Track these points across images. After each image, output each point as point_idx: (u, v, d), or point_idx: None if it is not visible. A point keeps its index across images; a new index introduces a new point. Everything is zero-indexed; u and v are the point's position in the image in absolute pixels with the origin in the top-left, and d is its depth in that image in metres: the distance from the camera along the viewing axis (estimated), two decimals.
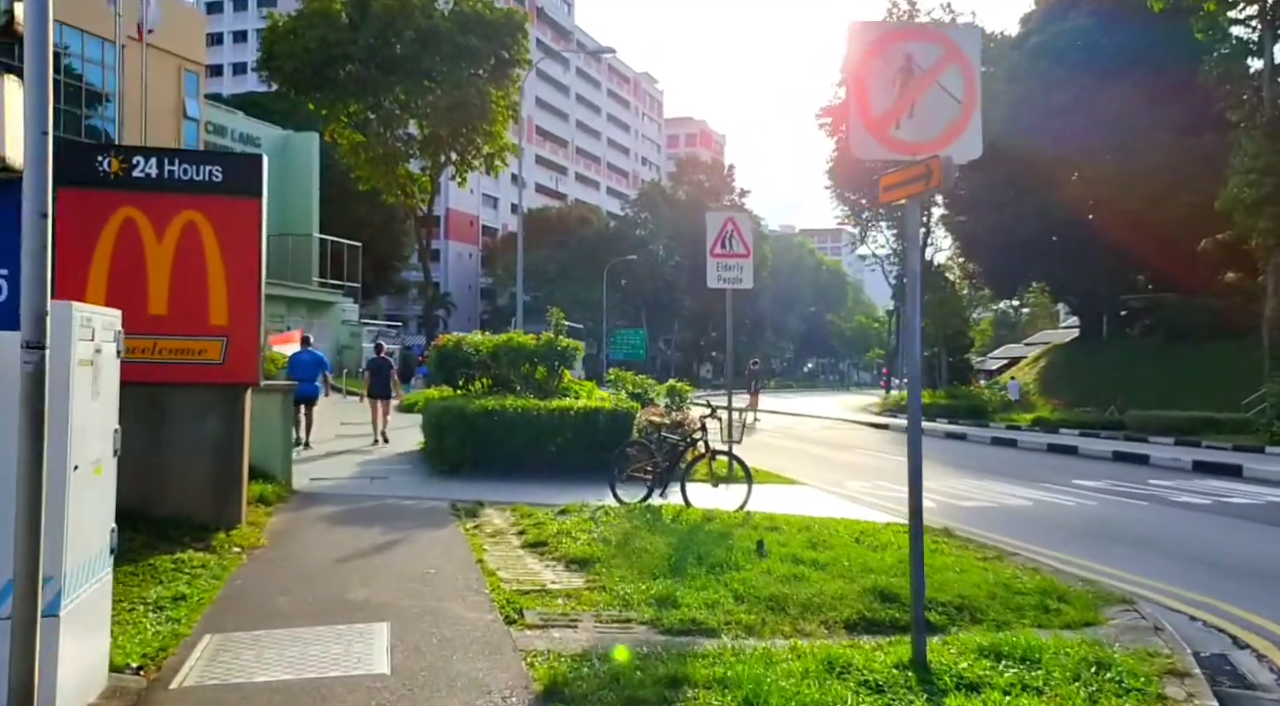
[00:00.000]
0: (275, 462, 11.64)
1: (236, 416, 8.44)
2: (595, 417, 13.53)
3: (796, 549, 7.75)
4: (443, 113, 40.04)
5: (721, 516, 9.42)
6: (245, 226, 8.39)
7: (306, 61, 39.08)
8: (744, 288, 13.36)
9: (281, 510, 10.05)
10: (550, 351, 14.52)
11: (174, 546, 7.53)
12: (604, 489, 12.28)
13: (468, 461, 13.57)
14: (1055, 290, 55.06)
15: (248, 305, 8.40)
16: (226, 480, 8.40)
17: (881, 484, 14.47)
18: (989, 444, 24.41)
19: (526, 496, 11.57)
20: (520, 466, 13.45)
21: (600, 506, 10.14)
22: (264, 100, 65.36)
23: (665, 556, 7.48)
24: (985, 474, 16.16)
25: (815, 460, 18.45)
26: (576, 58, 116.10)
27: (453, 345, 15.52)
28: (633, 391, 16.10)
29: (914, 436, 5.36)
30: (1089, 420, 32.15)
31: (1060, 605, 6.35)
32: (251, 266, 8.41)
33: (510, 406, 13.41)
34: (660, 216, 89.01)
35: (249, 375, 8.44)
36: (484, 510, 10.23)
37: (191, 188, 8.27)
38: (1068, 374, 45.86)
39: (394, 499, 11.20)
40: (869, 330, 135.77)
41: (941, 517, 11.19)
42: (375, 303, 69.80)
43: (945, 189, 4.75)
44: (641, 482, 10.72)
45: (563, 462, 13.54)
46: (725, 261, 13.18)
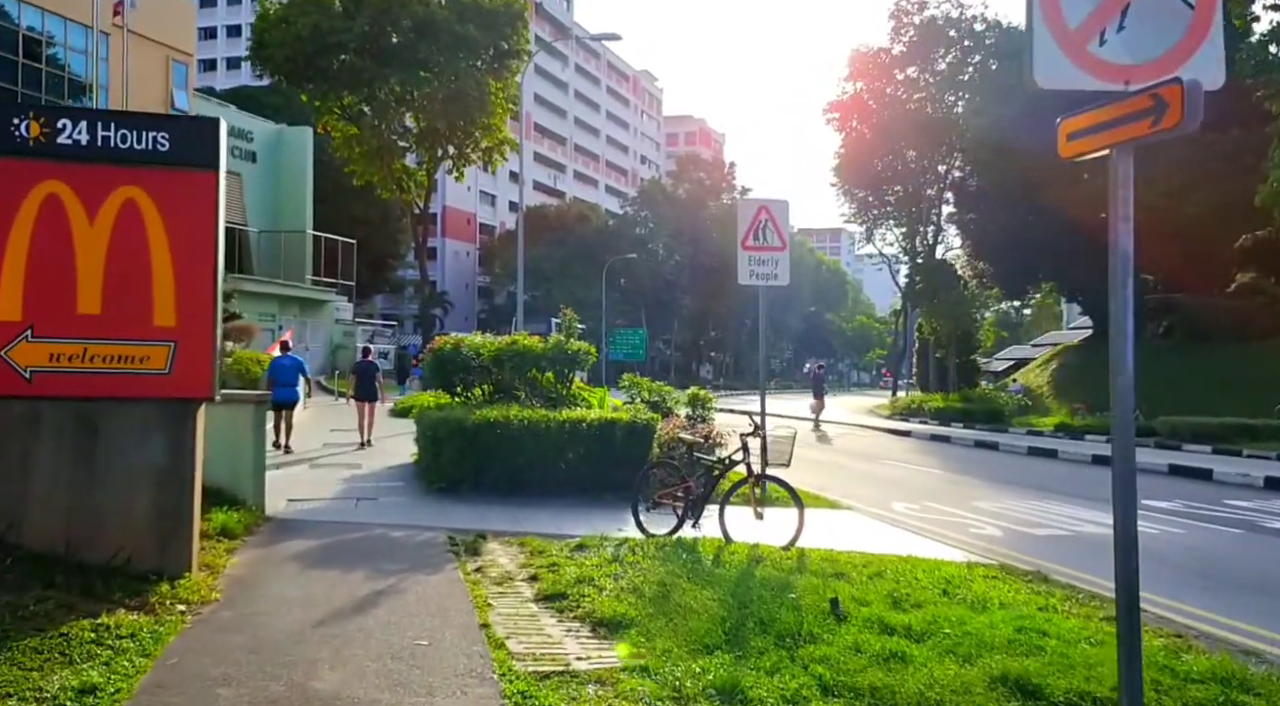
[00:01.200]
0: (245, 485, 10.12)
1: (186, 438, 6.91)
2: (611, 431, 12.01)
3: (878, 607, 6.22)
4: (440, 105, 38.46)
5: (771, 556, 7.89)
6: (197, 205, 6.87)
7: (299, 50, 37.50)
8: (779, 284, 11.87)
9: (248, 545, 8.51)
10: (561, 355, 12.99)
11: (101, 605, 6.00)
12: (622, 513, 10.78)
13: (467, 479, 12.06)
14: (1067, 290, 53.63)
15: (200, 303, 6.88)
16: (173, 517, 6.86)
17: (930, 504, 12.95)
18: (1025, 454, 22.90)
19: (534, 524, 10.06)
20: (526, 485, 11.94)
21: (623, 540, 8.64)
22: (257, 94, 63.91)
23: (717, 617, 5.96)
24: (1039, 491, 14.64)
25: (845, 473, 16.90)
26: (575, 55, 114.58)
27: (450, 348, 13.97)
28: (649, 399, 14.60)
29: (1124, 491, 3.79)
30: None
31: (1251, 700, 4.83)
32: (205, 255, 6.89)
33: (515, 417, 11.89)
34: (660, 215, 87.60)
35: (201, 388, 6.91)
36: (486, 544, 8.70)
37: (131, 158, 6.75)
38: (1081, 376, 44.46)
39: (382, 527, 9.67)
40: (870, 330, 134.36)
41: (1014, 549, 9.70)
42: (370, 301, 68.24)
43: (1188, 130, 3.19)
44: (670, 510, 9.19)
45: (574, 481, 12.04)
46: (758, 255, 11.69)
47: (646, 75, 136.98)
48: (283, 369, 16.88)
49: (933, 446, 24.41)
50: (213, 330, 6.91)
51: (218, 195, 6.91)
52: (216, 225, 6.91)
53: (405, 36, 39.10)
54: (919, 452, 22.07)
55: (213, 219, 6.89)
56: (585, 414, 12.27)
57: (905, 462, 19.20)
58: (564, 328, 13.54)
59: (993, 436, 27.15)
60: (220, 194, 6.94)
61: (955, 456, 21.58)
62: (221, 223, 6.96)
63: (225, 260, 26.68)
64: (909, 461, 19.56)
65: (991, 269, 51.65)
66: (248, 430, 10.21)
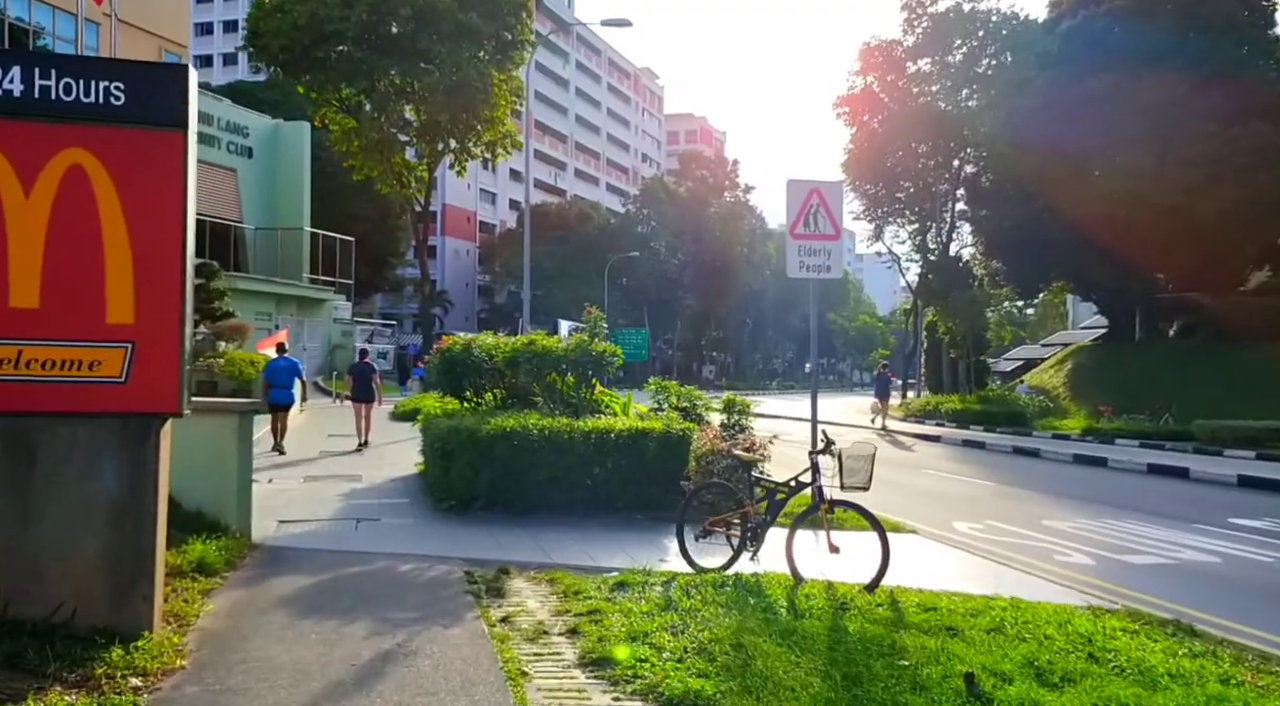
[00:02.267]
0: (228, 507, 8.78)
1: (146, 463, 5.57)
2: (643, 442, 10.67)
3: (1023, 684, 4.85)
4: (441, 96, 37.03)
5: (857, 602, 6.55)
6: (161, 172, 5.53)
7: (295, 40, 36.10)
8: (831, 277, 10.54)
9: (229, 584, 7.18)
10: (584, 357, 11.63)
11: (28, 681, 4.66)
12: (658, 537, 9.50)
13: (480, 496, 10.73)
14: (1081, 288, 52.32)
15: (165, 294, 5.55)
16: (129, 562, 5.52)
17: (994, 524, 11.60)
18: (1071, 461, 21.54)
19: (562, 552, 8.74)
20: (546, 504, 10.62)
21: (670, 576, 7.32)
22: (253, 89, 62.56)
23: (822, 699, 4.63)
24: (1108, 508, 13.28)
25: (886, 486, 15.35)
26: (577, 51, 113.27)
27: (460, 349, 12.61)
28: (678, 405, 13.26)
29: None
30: (1148, 430, 29.46)
31: None
32: (171, 234, 5.55)
33: (534, 427, 10.55)
34: (663, 213, 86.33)
35: (165, 400, 5.57)
36: (511, 582, 7.37)
37: (77, 113, 5.41)
38: (1099, 377, 43.23)
39: (387, 558, 8.33)
40: (872, 330, 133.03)
41: (1117, 582, 8.38)
42: (369, 300, 66.89)
43: None
44: (722, 539, 7.85)
45: (601, 499, 10.73)
46: (809, 244, 10.37)
47: (648, 73, 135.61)
48: (279, 371, 17.05)
49: (968, 453, 23.03)
50: (180, 328, 5.57)
51: (186, 160, 5.56)
52: (185, 197, 5.57)
53: (405, 26, 37.72)
54: (956, 460, 20.71)
55: (180, 189, 5.55)
56: (613, 423, 10.94)
57: (947, 473, 17.83)
58: (589, 327, 12.19)
59: (1028, 441, 25.84)
60: (190, 158, 5.60)
61: (997, 465, 20.21)
62: (192, 194, 5.61)
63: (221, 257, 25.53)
64: (950, 471, 18.20)
65: (1004, 267, 50.39)
66: (231, 444, 8.88)
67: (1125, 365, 42.27)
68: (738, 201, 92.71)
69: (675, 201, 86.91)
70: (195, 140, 5.72)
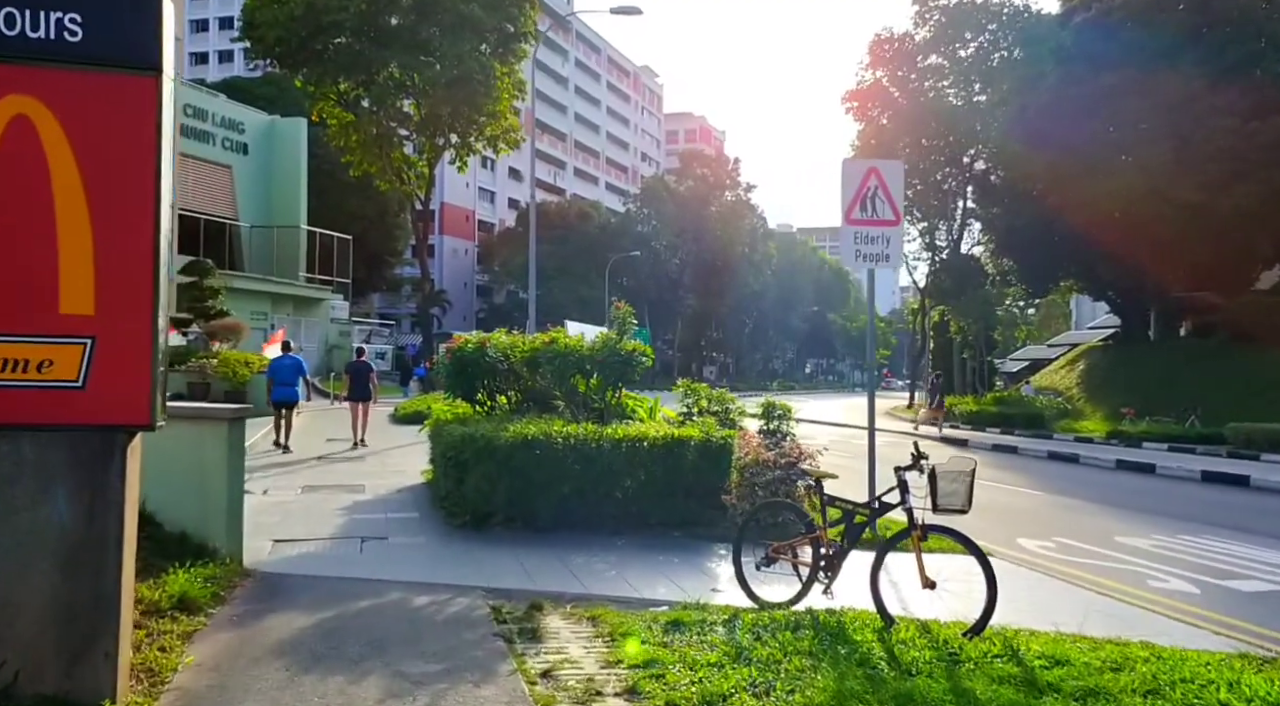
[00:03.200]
0: (216, 527, 7.70)
1: (109, 489, 4.47)
2: (680, 452, 9.58)
3: None
4: (442, 90, 35.88)
5: (968, 651, 5.47)
6: (130, 128, 4.45)
7: (292, 31, 34.95)
8: (889, 267, 9.48)
9: (215, 623, 6.09)
10: (612, 358, 10.53)
11: None
12: (700, 558, 8.48)
13: (498, 511, 9.65)
14: (1093, 287, 51.30)
15: (134, 279, 4.47)
16: (88, 611, 4.43)
17: (1064, 541, 10.51)
18: (1114, 468, 20.41)
19: (597, 579, 7.68)
20: (571, 519, 9.54)
21: (731, 613, 6.27)
22: (249, 86, 61.53)
23: None
24: (1185, 522, 12.15)
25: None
26: (576, 49, 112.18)
27: (474, 349, 11.51)
28: (709, 408, 12.18)
29: None
30: (1175, 432, 28.45)
31: None
32: (141, 204, 4.47)
33: (559, 435, 9.48)
34: (663, 212, 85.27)
35: (133, 409, 4.48)
36: (545, 620, 6.28)
37: (21, 52, 4.33)
38: (1113, 378, 42.30)
39: (399, 588, 7.23)
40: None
41: (1231, 614, 7.31)
42: (367, 300, 65.77)
43: None
44: (788, 567, 6.77)
45: (633, 515, 9.65)
46: (866, 230, 9.29)
47: (647, 71, 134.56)
48: (283, 368, 17.23)
49: (1000, 458, 21.89)
50: (153, 321, 4.49)
51: (160, 111, 4.48)
52: (159, 157, 4.48)
53: (405, 17, 36.63)
54: (993, 467, 19.55)
55: (152, 148, 4.46)
56: (646, 430, 9.85)
57: (989, 481, 16.62)
58: (617, 324, 11.09)
59: (1060, 446, 24.78)
60: (165, 109, 4.51)
61: (1037, 472, 19.07)
62: (169, 154, 4.53)
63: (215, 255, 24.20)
64: (991, 480, 17.04)
65: (1015, 265, 49.43)
66: (220, 455, 7.78)
67: (1141, 366, 41.33)
68: (739, 200, 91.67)
69: (676, 200, 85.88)
70: (172, 88, 4.64)
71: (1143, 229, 36.42)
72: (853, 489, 8.13)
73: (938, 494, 6.04)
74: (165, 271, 4.57)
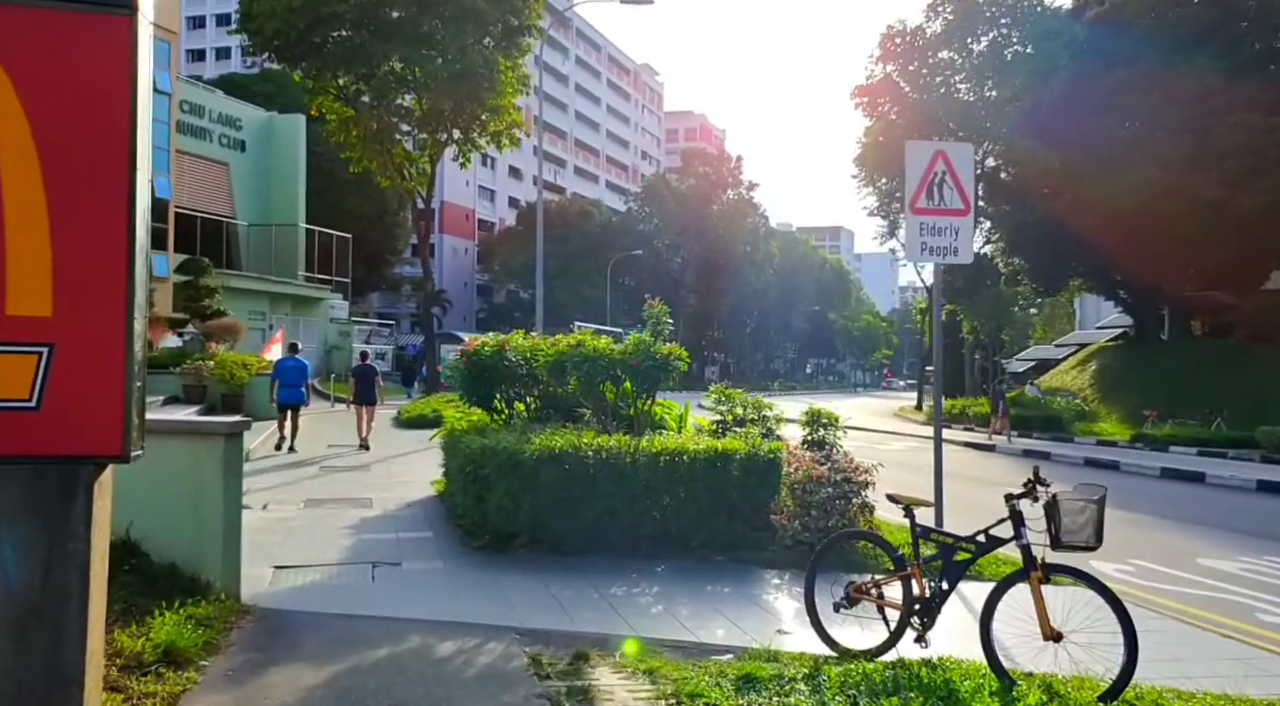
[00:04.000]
0: (210, 556, 6.76)
1: (70, 535, 3.54)
2: (724, 466, 8.66)
3: None
4: (444, 83, 34.83)
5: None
6: (96, 81, 3.52)
7: (290, 23, 33.85)
8: (959, 261, 8.55)
9: (208, 681, 5.15)
10: (646, 361, 9.60)
11: None
12: (750, 588, 7.60)
13: (522, 532, 8.75)
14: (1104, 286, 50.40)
15: (103, 272, 3.54)
16: (43, 689, 3.50)
17: (1141, 563, 9.55)
18: (1159, 476, 19.26)
19: (640, 615, 6.77)
20: (603, 541, 8.63)
21: (810, 664, 5.37)
22: (247, 82, 60.68)
23: None
24: (1261, 540, 11.10)
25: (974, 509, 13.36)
26: (576, 47, 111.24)
27: (492, 352, 10.56)
28: (743, 416, 11.26)
29: None
30: (1204, 436, 27.59)
31: None
32: (112, 178, 3.54)
33: (590, 448, 8.57)
34: (665, 211, 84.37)
35: (101, 436, 3.55)
36: (594, 672, 5.36)
37: None
38: (1128, 378, 41.45)
39: (418, 628, 6.30)
40: (875, 330, 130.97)
41: None
42: (366, 299, 64.81)
43: None
44: (872, 607, 5.84)
45: (671, 537, 8.73)
46: (932, 220, 8.38)
47: (647, 69, 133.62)
48: (287, 370, 17.41)
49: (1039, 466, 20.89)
50: (126, 324, 3.56)
51: (135, 60, 3.55)
52: (134, 118, 3.55)
53: (407, 9, 35.53)
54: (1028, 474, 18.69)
55: (126, 105, 3.54)
56: (685, 443, 8.92)
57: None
58: (651, 324, 10.15)
59: (1099, 452, 23.78)
60: (143, 59, 3.59)
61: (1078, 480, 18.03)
62: (146, 115, 3.60)
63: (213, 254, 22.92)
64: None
65: (1026, 264, 48.58)
66: (215, 475, 6.85)
67: (1157, 367, 40.48)
68: (741, 199, 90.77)
69: (677, 199, 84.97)
70: (149, 33, 3.72)
71: (1158, 226, 35.58)
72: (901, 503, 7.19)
73: (1060, 527, 5.11)
74: (143, 263, 3.64)
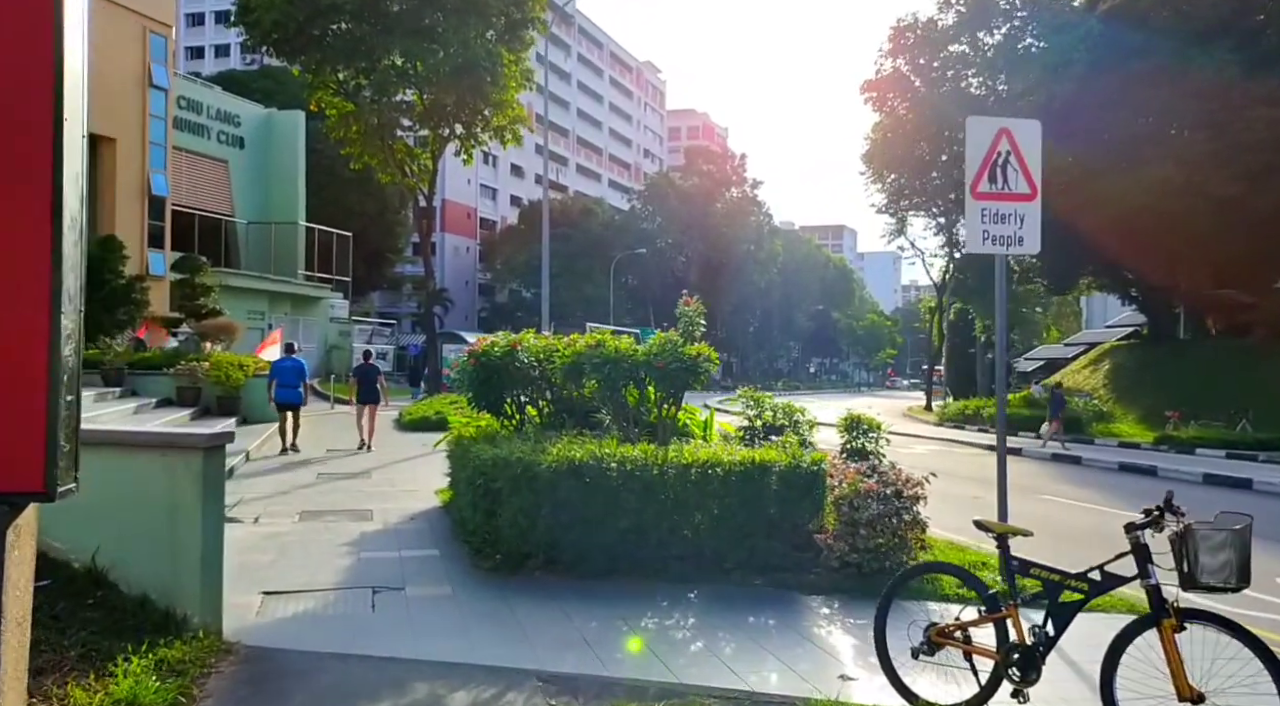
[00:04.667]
0: (188, 590, 5.92)
1: None
2: (763, 479, 7.81)
3: None
4: (446, 77, 33.99)
5: None
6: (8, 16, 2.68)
7: (289, 15, 33.03)
8: (1025, 252, 7.71)
9: None
10: (675, 364, 8.75)
11: None
12: (797, 620, 6.74)
13: (537, 552, 7.92)
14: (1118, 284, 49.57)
15: (19, 259, 2.69)
16: None
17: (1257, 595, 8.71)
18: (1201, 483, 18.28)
19: (677, 654, 5.94)
20: (628, 563, 7.80)
21: None
22: (246, 78, 59.96)
23: None
24: None
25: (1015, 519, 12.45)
26: (578, 44, 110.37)
27: (503, 353, 9.70)
28: (775, 422, 10.41)
29: None
30: (1231, 438, 26.76)
31: None
32: (31, 140, 2.69)
33: (613, 459, 7.73)
34: (669, 209, 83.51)
35: (18, 470, 2.70)
36: None
37: None
38: (1144, 378, 40.62)
39: (428, 671, 5.46)
40: (880, 329, 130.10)
41: None
42: (367, 299, 63.95)
43: None
44: (958, 655, 4.99)
45: (704, 558, 7.89)
46: (995, 206, 7.56)
47: (649, 67, 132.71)
48: (284, 371, 17.34)
49: (1065, 470, 19.99)
50: (51, 326, 2.72)
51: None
52: (59, 55, 2.71)
53: (408, 1, 34.75)
54: (1063, 481, 17.78)
55: (48, 36, 2.69)
56: (718, 454, 8.08)
57: (1067, 499, 14.97)
58: (684, 322, 9.30)
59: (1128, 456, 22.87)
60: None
61: (1117, 487, 17.12)
62: (76, 41, 2.76)
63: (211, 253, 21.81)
64: (1070, 497, 15.31)
65: (1037, 261, 47.78)
66: (193, 495, 6.01)
67: (1174, 366, 39.67)
68: (744, 197, 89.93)
69: (681, 197, 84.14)
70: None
71: (1174, 223, 34.76)
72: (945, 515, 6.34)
73: (1196, 564, 4.25)
74: (75, 242, 2.80)
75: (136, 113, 34.69)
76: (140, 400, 19.39)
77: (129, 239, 31.87)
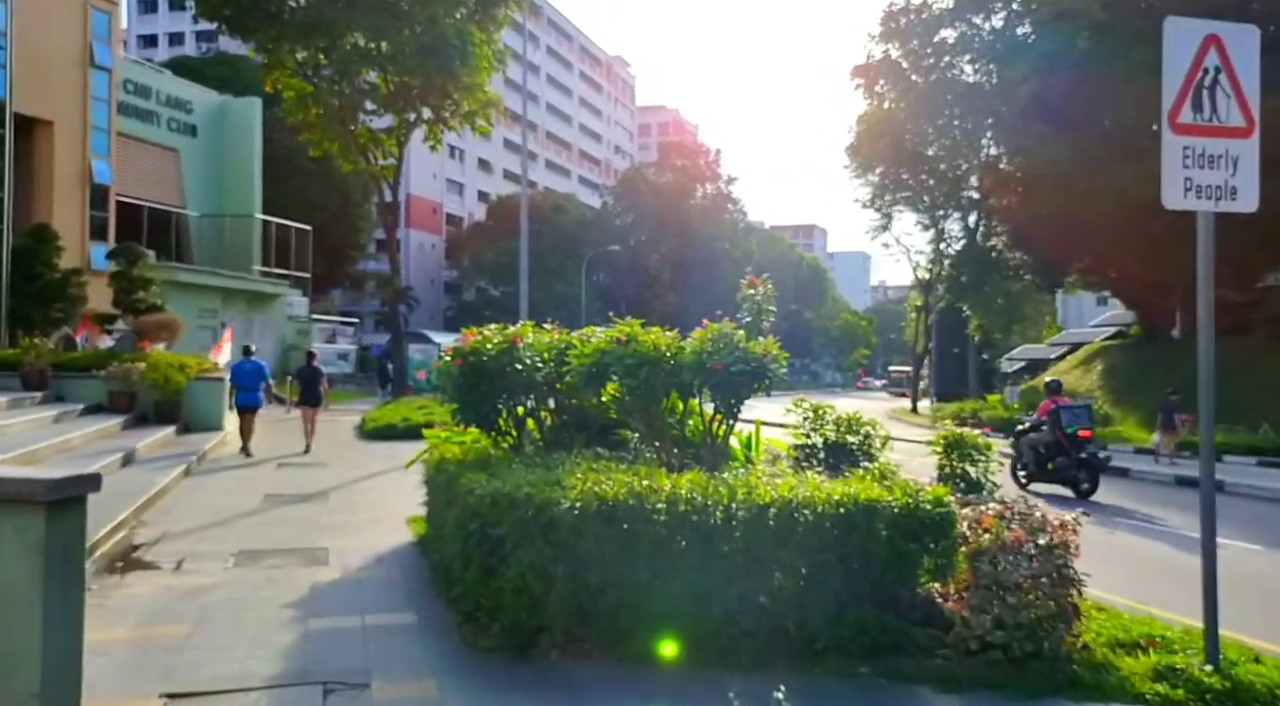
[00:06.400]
0: None
1: None
2: (869, 525, 5.62)
3: None
4: (413, 58, 31.51)
5: None
6: None
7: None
8: (1239, 209, 5.57)
9: None
10: (738, 365, 6.51)
11: None
12: None
13: (555, 624, 5.67)
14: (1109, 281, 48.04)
15: None
16: None
17: None
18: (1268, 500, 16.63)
19: None
20: (683, 643, 5.57)
21: None
22: (200, 65, 57.28)
23: None
24: None
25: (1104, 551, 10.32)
26: (547, 36, 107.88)
27: (498, 351, 7.41)
28: (837, 440, 8.21)
29: None
30: (1262, 445, 25.09)
31: None
32: None
33: (658, 497, 5.52)
34: (642, 205, 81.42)
35: None
36: None
37: None
38: (1141, 380, 38.93)
39: None
40: (855, 329, 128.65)
41: None
42: (328, 297, 61.15)
43: None
44: None
45: (785, 634, 5.67)
46: (1202, 144, 5.39)
47: (620, 61, 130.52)
48: (244, 373, 16.95)
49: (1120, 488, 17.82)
50: None
51: None
52: None
53: None
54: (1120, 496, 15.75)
55: None
56: (811, 490, 5.86)
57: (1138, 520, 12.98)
58: (753, 311, 7.06)
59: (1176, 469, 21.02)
60: None
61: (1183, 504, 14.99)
62: None
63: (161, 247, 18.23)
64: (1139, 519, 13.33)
65: (1028, 258, 46.11)
66: (29, 575, 3.72)
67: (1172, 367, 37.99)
68: (719, 193, 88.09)
69: (654, 192, 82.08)
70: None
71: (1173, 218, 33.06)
72: None
73: None
74: None
75: (76, 94, 32.04)
76: (64, 406, 16.86)
77: (67, 230, 29.23)
